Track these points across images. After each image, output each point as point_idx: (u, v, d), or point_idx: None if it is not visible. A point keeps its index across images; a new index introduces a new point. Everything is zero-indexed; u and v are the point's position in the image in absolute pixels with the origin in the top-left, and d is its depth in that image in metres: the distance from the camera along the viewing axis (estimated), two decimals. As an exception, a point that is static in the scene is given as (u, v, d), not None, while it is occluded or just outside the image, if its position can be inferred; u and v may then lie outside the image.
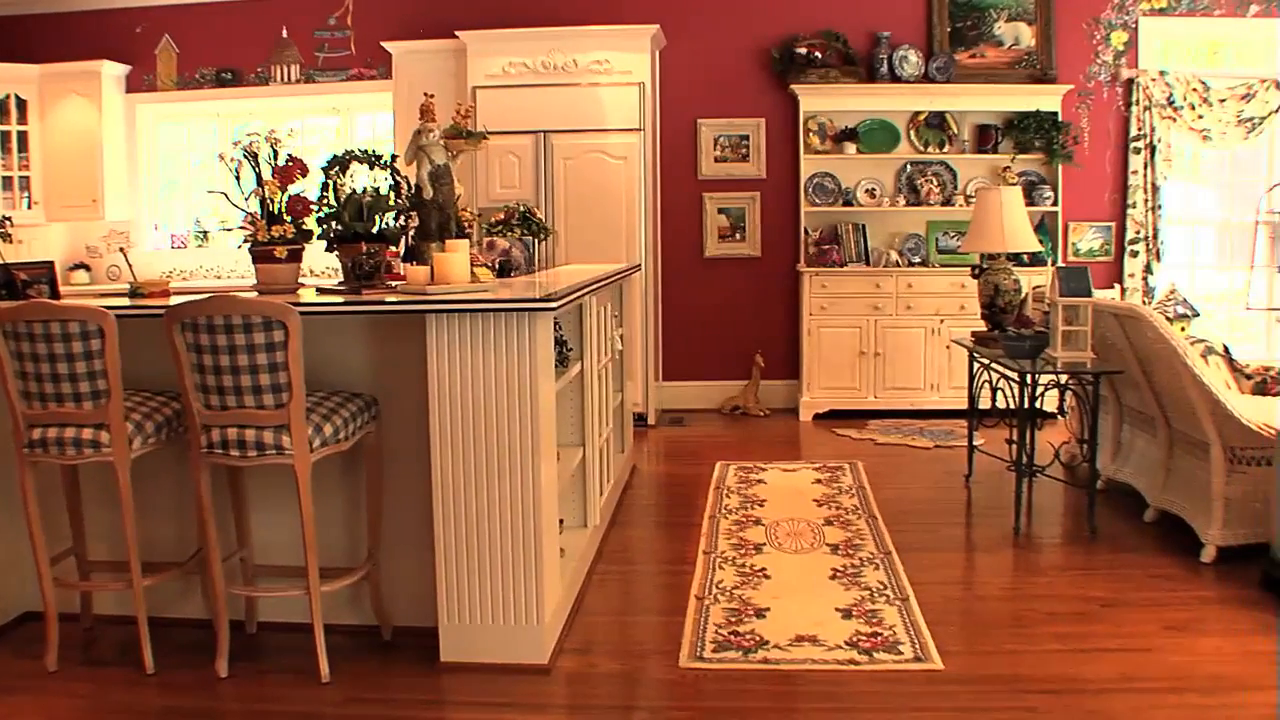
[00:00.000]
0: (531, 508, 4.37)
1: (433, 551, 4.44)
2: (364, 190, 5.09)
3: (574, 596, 5.17)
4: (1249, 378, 6.94)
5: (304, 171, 4.97)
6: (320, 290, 4.96)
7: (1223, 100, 9.89)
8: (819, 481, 7.43)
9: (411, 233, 5.22)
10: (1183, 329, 8.54)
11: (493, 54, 9.41)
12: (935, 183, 9.87)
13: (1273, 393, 6.72)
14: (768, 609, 5.08)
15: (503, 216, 6.93)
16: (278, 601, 4.79)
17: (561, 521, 5.10)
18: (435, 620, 4.48)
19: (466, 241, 4.97)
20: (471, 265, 4.94)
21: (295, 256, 4.94)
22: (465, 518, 4.38)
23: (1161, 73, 9.91)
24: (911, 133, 9.94)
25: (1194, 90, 9.89)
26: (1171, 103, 9.90)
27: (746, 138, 10.10)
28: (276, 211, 4.89)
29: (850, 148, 9.82)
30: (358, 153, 5.13)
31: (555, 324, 5.11)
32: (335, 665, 4.37)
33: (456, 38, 9.46)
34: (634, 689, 4.39)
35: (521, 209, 6.97)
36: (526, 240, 6.86)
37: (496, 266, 6.23)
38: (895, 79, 9.86)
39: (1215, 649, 4.67)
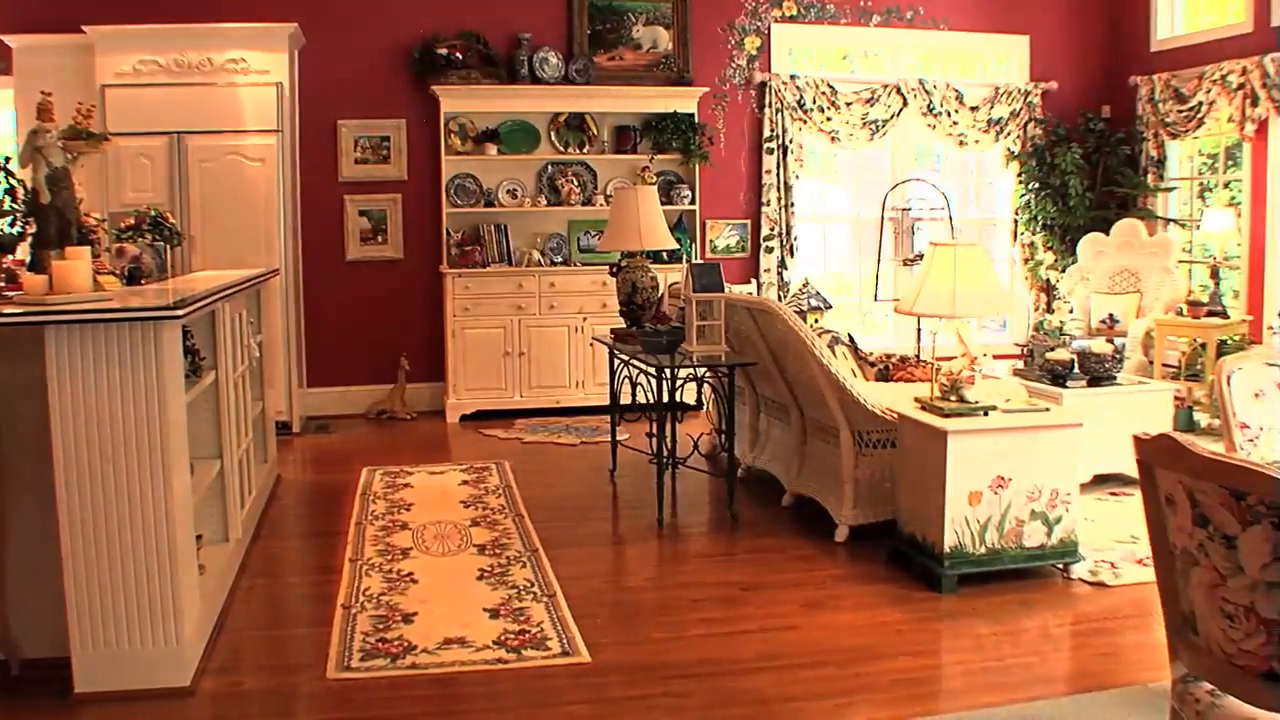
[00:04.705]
0: (165, 524, 4.22)
1: (61, 576, 4.22)
2: (-26, 195, 4.81)
3: (217, 614, 5.02)
4: (873, 365, 7.35)
5: (-94, 175, 4.67)
6: (-73, 304, 4.65)
7: (849, 104, 10.47)
8: (466, 483, 7.46)
9: (30, 240, 4.95)
10: (815, 321, 8.96)
11: (122, 51, 8.96)
12: (576, 183, 10.03)
13: (895, 378, 7.13)
14: (415, 614, 5.08)
15: (133, 221, 6.66)
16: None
17: (200, 537, 4.94)
18: (68, 649, 4.25)
19: (88, 249, 4.78)
20: (96, 273, 4.74)
21: (-102, 268, 4.62)
22: (95, 538, 4.18)
23: (793, 77, 10.40)
24: (552, 134, 10.07)
25: (823, 94, 10.43)
26: (802, 105, 10.39)
27: (387, 139, 10.01)
28: (-125, 219, 4.57)
29: (491, 149, 9.87)
30: (-34, 155, 4.84)
31: (186, 332, 4.96)
32: (-46, 705, 4.11)
33: (84, 33, 8.97)
34: (282, 704, 4.31)
35: (153, 213, 6.70)
36: (158, 246, 6.60)
37: (126, 274, 5.98)
38: (536, 80, 9.98)
39: (849, 623, 4.99)
